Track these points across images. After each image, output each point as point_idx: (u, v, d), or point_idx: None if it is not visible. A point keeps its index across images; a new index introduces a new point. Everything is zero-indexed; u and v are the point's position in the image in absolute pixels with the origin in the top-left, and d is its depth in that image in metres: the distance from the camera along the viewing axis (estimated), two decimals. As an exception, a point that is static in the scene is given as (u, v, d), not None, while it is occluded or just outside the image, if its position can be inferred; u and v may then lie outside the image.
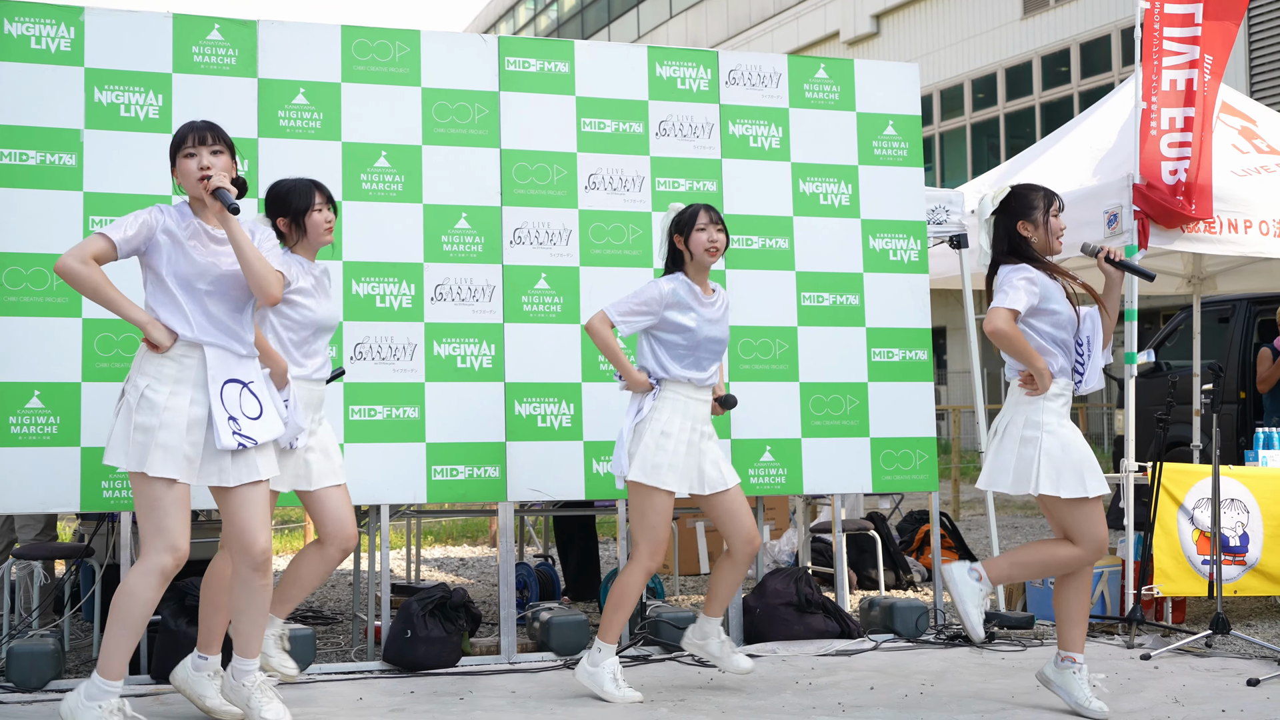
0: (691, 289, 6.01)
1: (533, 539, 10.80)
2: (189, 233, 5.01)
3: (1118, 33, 24.21)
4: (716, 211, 6.07)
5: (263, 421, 5.04)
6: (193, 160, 4.99)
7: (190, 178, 4.99)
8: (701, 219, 6.00)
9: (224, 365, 4.99)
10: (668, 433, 5.92)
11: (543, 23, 47.86)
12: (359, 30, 7.01)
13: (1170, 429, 8.40)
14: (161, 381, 4.93)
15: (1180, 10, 7.66)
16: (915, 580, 9.73)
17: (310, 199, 5.71)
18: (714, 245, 5.99)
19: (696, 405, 6.02)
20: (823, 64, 7.76)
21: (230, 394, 4.97)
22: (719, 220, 6.05)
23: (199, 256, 4.98)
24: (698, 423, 6.02)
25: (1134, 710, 5.67)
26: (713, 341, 6.03)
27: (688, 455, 5.96)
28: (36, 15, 6.51)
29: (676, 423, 5.94)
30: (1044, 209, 5.65)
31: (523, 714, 5.67)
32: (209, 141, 5.02)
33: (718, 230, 6.01)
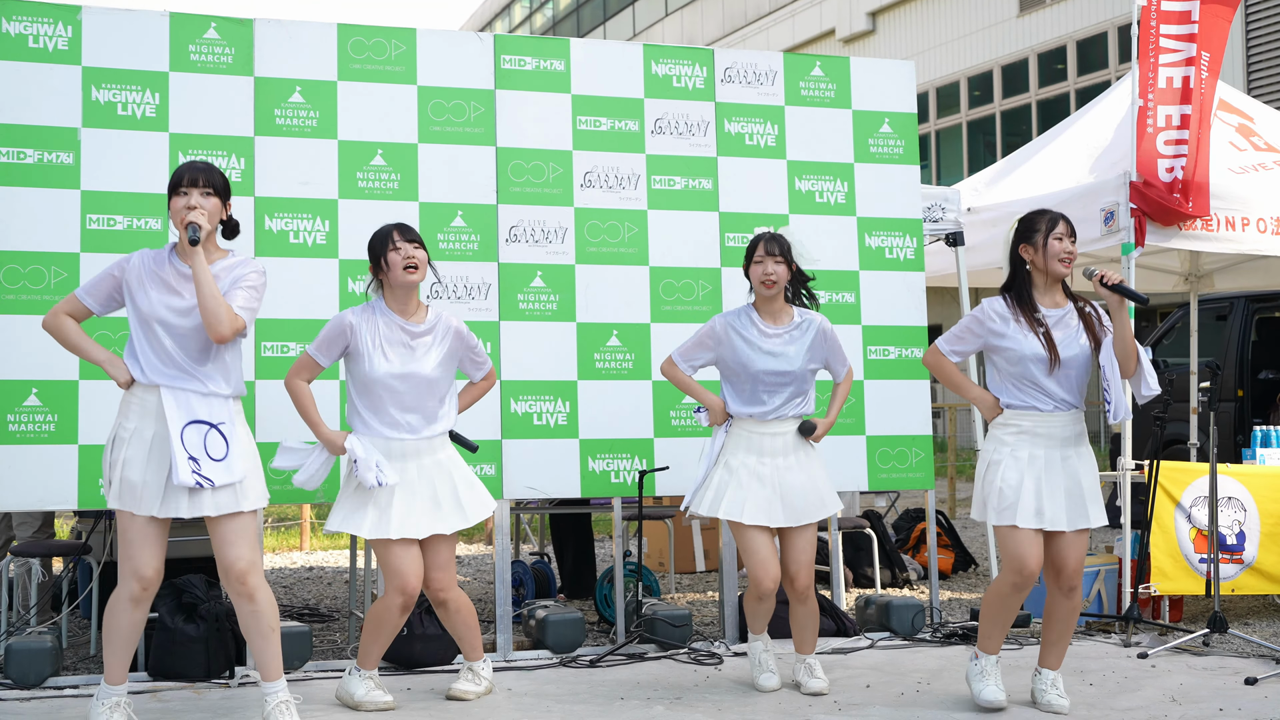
0: (750, 320, 6.05)
1: (528, 537, 10.80)
2: (157, 274, 5.10)
3: (1114, 30, 24.20)
4: (781, 241, 6.00)
5: (226, 464, 5.04)
6: (182, 200, 5.07)
7: (176, 215, 5.07)
8: (759, 251, 5.99)
9: (184, 406, 5.02)
10: (730, 466, 6.01)
11: (538, 21, 47.83)
12: (355, 29, 7.01)
13: (1167, 427, 8.41)
14: (129, 419, 5.08)
15: (1177, 8, 7.66)
16: (911, 578, 9.74)
17: (386, 241, 5.61)
18: (768, 278, 5.95)
19: (769, 440, 6.01)
20: (818, 61, 7.77)
21: (193, 435, 5.00)
22: (777, 251, 5.97)
23: (157, 298, 5.05)
24: (769, 455, 6.00)
25: (1131, 709, 5.67)
26: (771, 375, 5.99)
27: (759, 487, 5.96)
28: (34, 14, 6.51)
29: (739, 457, 6.00)
30: (1044, 231, 5.66)
31: (518, 710, 5.68)
32: (200, 184, 5.09)
33: (775, 262, 5.95)
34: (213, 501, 5.06)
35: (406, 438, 5.60)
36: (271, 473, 6.51)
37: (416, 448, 5.64)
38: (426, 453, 5.68)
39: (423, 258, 5.62)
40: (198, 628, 6.30)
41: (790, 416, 6.04)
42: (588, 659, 6.76)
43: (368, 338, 5.56)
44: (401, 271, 5.56)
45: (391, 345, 5.58)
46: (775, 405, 6.01)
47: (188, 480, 4.93)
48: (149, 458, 5.02)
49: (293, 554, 12.09)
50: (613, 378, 7.07)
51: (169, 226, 6.50)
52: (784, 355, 5.99)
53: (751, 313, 6.08)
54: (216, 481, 5.01)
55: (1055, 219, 5.68)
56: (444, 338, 5.70)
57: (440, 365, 5.67)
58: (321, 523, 13.16)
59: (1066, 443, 5.64)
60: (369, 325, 5.59)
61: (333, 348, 5.61)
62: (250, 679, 6.29)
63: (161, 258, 5.15)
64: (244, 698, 5.98)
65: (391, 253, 5.58)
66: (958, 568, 10.26)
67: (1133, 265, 7.55)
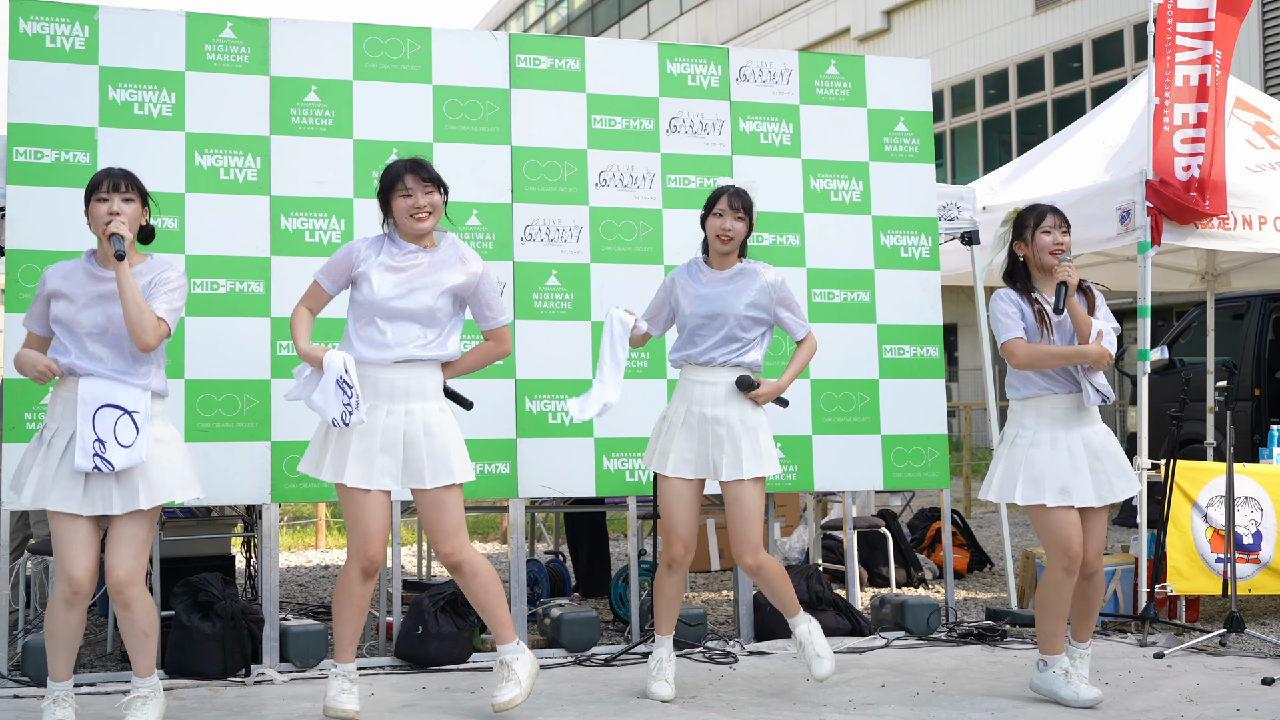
0: (696, 266, 6.01)
1: (543, 535, 10.82)
2: (77, 280, 5.12)
3: (1130, 28, 24.15)
4: (745, 197, 5.90)
5: (132, 450, 4.98)
6: (104, 205, 5.07)
7: (98, 222, 5.07)
8: (720, 204, 5.87)
9: (103, 390, 5.00)
10: (667, 417, 5.96)
11: (553, 20, 47.88)
12: (371, 28, 7.03)
13: (1184, 426, 8.39)
14: (53, 418, 5.11)
15: (1194, 5, 7.64)
16: (926, 578, 9.74)
17: (395, 184, 5.39)
18: (725, 233, 5.85)
19: (699, 388, 5.87)
20: (833, 60, 7.77)
21: (105, 418, 4.97)
22: (739, 207, 5.87)
23: (79, 304, 5.07)
24: (699, 405, 5.85)
25: (1147, 709, 5.67)
26: (700, 317, 5.86)
27: (689, 438, 5.85)
28: (51, 14, 6.54)
29: (675, 406, 5.93)
30: (1032, 227, 5.88)
31: (533, 709, 5.69)
32: (121, 189, 5.10)
33: (736, 218, 5.85)
34: (118, 496, 5.00)
35: (389, 359, 5.35)
36: (288, 471, 6.56)
37: (404, 384, 5.37)
38: (415, 395, 5.40)
39: (435, 202, 5.42)
40: (214, 626, 6.32)
41: (722, 364, 5.85)
42: (603, 658, 6.78)
43: (373, 261, 5.41)
44: (409, 219, 5.39)
45: (394, 271, 5.40)
46: (704, 348, 5.86)
47: (85, 465, 4.91)
48: (63, 456, 5.03)
49: (308, 552, 12.13)
50: (627, 376, 7.03)
51: (184, 225, 6.53)
52: (716, 298, 5.87)
53: (700, 263, 6.04)
54: (117, 465, 4.94)
55: (1042, 213, 5.90)
56: (453, 269, 5.49)
57: (442, 297, 5.44)
58: (337, 521, 13.19)
59: (1083, 422, 5.82)
60: (375, 251, 5.46)
61: (337, 271, 5.48)
62: (266, 677, 6.32)
63: (79, 264, 5.17)
64: (260, 695, 6.02)
65: (399, 199, 5.40)
66: (973, 567, 10.25)
67: (1149, 264, 7.54)
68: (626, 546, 9.21)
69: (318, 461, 5.41)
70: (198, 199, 6.61)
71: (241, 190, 6.71)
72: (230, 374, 6.55)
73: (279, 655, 6.52)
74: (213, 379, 6.53)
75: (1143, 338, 7.58)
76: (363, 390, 5.29)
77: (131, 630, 5.15)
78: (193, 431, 6.45)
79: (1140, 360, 7.59)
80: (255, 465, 6.58)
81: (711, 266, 5.99)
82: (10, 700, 5.86)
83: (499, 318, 5.63)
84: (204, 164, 6.67)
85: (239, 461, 6.55)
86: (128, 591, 5.06)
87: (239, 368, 6.58)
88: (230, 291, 6.62)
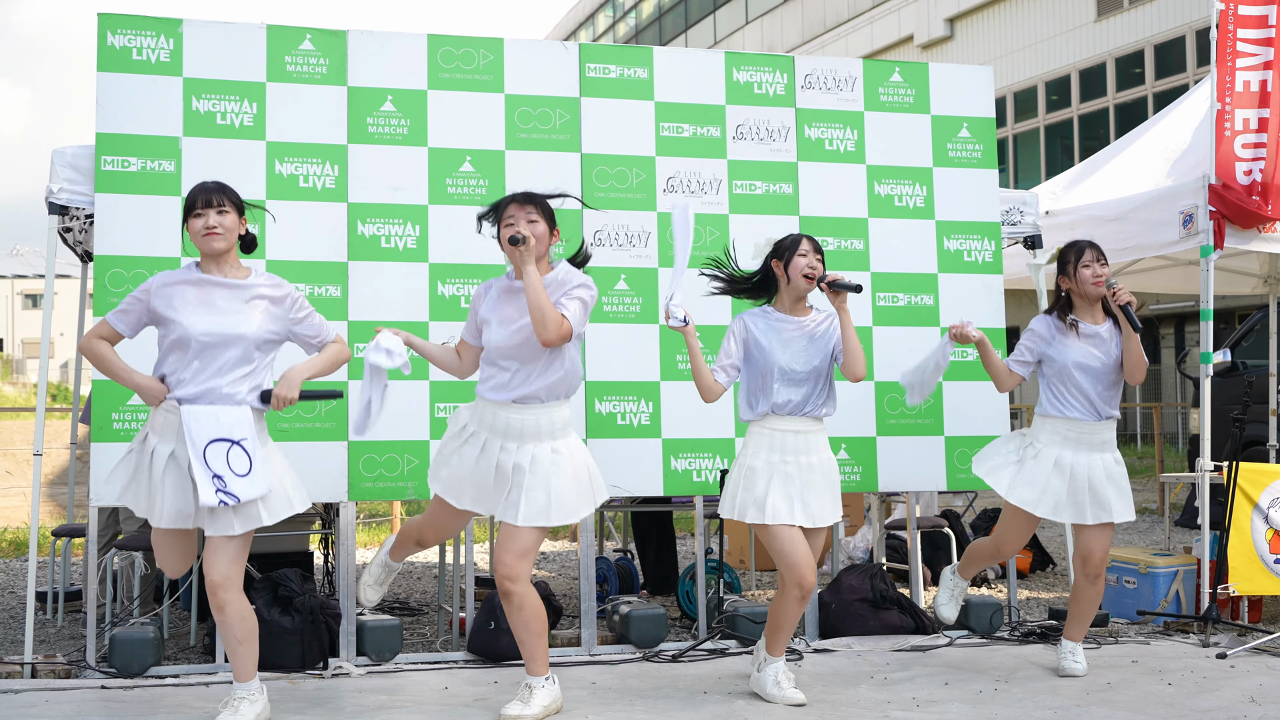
0: (766, 314, 6.01)
1: (612, 534, 10.91)
2: (184, 292, 5.17)
3: (1192, 34, 24.01)
4: (818, 241, 6.01)
5: (250, 479, 5.08)
6: (199, 221, 5.15)
7: (195, 236, 5.17)
8: (804, 246, 5.92)
9: (207, 424, 5.06)
10: (753, 468, 5.91)
11: (621, 29, 47.95)
12: (445, 39, 7.19)
13: (1246, 428, 8.40)
14: (154, 431, 5.18)
15: (1255, 11, 7.67)
16: (989, 577, 9.77)
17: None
18: (812, 271, 5.87)
19: (784, 436, 5.89)
20: (897, 68, 7.85)
21: (216, 452, 5.05)
22: (820, 249, 5.97)
23: (186, 315, 5.12)
24: (789, 454, 5.90)
25: (1210, 709, 5.68)
26: (786, 371, 5.89)
27: (784, 486, 5.86)
28: (138, 27, 6.73)
29: (763, 456, 5.90)
30: (1074, 262, 6.36)
31: (602, 704, 5.78)
32: (214, 204, 5.17)
33: (818, 258, 5.92)
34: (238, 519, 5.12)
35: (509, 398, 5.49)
36: (364, 470, 6.72)
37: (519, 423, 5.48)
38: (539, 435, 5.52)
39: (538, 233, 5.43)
40: (293, 620, 6.47)
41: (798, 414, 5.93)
42: (670, 654, 6.86)
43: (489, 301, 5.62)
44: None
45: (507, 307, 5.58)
46: (790, 401, 5.90)
47: (211, 501, 4.99)
48: (165, 470, 5.11)
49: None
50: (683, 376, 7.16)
51: (264, 232, 6.69)
52: (798, 348, 5.90)
53: (766, 309, 6.06)
54: (242, 497, 5.04)
55: (1081, 249, 6.37)
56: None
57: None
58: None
59: (1094, 447, 6.36)
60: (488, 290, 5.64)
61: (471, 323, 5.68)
62: (343, 670, 6.46)
63: (185, 275, 5.23)
64: (337, 688, 6.14)
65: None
66: (1035, 567, 10.27)
67: (1211, 268, 7.57)
68: (693, 545, 9.31)
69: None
70: (277, 206, 6.76)
71: (320, 197, 6.87)
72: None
73: (355, 649, 6.66)
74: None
75: (1205, 341, 7.60)
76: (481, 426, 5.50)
77: (226, 635, 5.23)
78: (273, 431, 6.56)
79: (1203, 363, 7.62)
80: (333, 464, 6.73)
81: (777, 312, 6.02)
82: (98, 691, 6.01)
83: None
84: (284, 172, 6.84)
85: (317, 461, 6.69)
86: (221, 595, 5.14)
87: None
88: (309, 295, 6.74)
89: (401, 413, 6.78)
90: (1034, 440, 6.40)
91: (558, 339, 5.30)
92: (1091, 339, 6.35)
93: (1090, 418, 6.33)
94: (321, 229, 6.86)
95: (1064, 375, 6.33)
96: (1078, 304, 6.41)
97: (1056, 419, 6.36)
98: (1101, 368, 6.32)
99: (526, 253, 5.31)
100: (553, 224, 5.54)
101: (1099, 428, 6.35)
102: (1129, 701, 5.82)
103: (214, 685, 6.13)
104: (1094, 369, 6.31)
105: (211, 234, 5.13)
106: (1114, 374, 6.36)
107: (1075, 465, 6.30)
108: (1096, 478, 6.29)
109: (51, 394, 30.79)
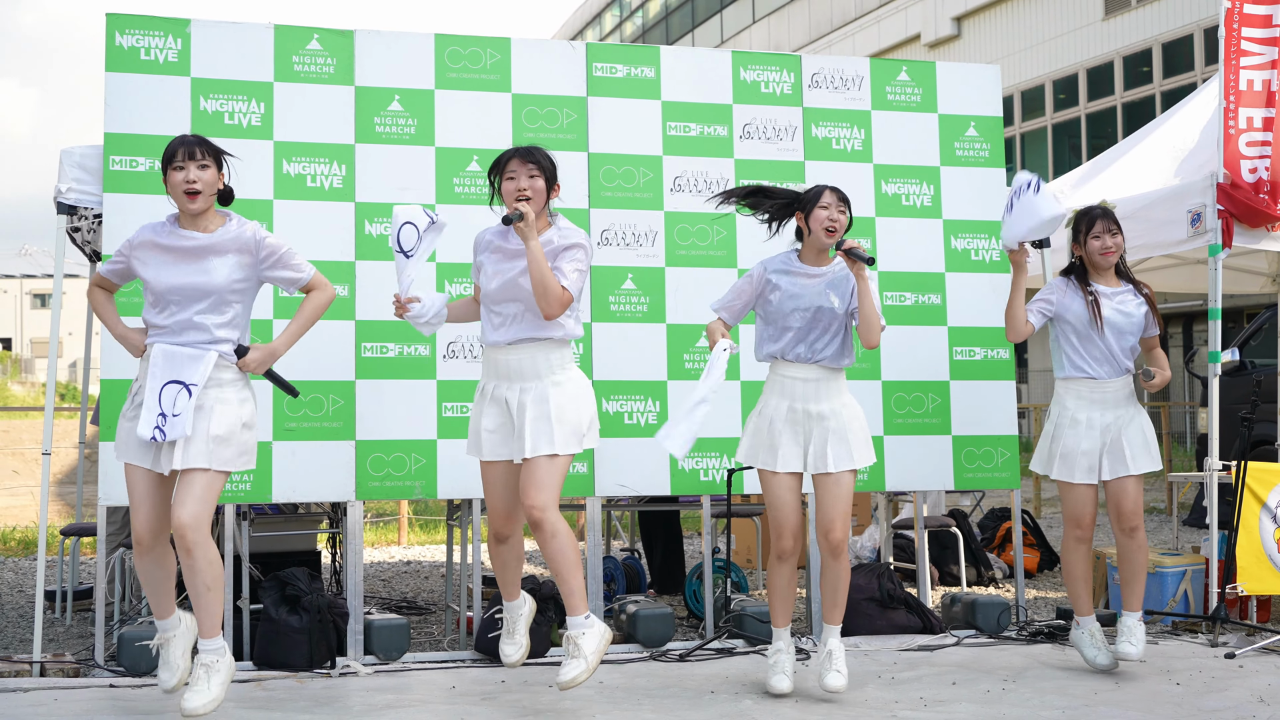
0: (789, 261, 6.01)
1: (619, 533, 10.93)
2: (162, 243, 5.28)
3: (1200, 32, 23.98)
4: (843, 193, 5.98)
5: (180, 419, 5.12)
6: (180, 174, 5.22)
7: (176, 189, 5.24)
8: (825, 198, 5.91)
9: (169, 364, 5.18)
10: (763, 413, 5.97)
11: (628, 29, 47.96)
12: (452, 38, 7.20)
13: (1255, 428, 8.38)
14: (139, 378, 5.30)
15: (1260, 10, 7.68)
16: (997, 577, 9.77)
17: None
18: (833, 224, 5.87)
19: (793, 383, 5.91)
20: (904, 66, 7.85)
21: (169, 393, 5.13)
22: (844, 201, 5.95)
23: (155, 272, 5.24)
24: (798, 400, 5.90)
25: (1218, 709, 5.67)
26: (798, 313, 5.89)
27: (787, 432, 5.88)
28: (145, 27, 6.75)
29: (773, 403, 5.95)
30: (1084, 232, 6.51)
31: (610, 704, 5.78)
32: (197, 156, 5.25)
33: (840, 211, 5.91)
34: (181, 455, 5.13)
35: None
36: (372, 470, 6.73)
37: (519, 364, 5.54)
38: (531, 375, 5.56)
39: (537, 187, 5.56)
40: (301, 619, 6.48)
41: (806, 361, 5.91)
42: (677, 653, 6.87)
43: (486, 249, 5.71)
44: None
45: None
46: (796, 344, 5.91)
47: (145, 434, 5.09)
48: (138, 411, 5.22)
49: (391, 548, 12.31)
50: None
51: (273, 230, 6.67)
52: (809, 294, 5.91)
53: (789, 255, 6.06)
54: (169, 436, 5.09)
55: (1092, 219, 6.50)
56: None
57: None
58: (419, 518, 13.42)
59: (1118, 404, 6.45)
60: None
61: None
62: (351, 669, 6.47)
63: (164, 228, 5.33)
64: (345, 687, 6.15)
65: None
66: (1043, 566, 10.27)
67: (1219, 267, 7.56)
68: (700, 544, 9.32)
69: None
70: (285, 205, 6.80)
71: (327, 197, 6.89)
72: (316, 375, 6.71)
73: (363, 648, 6.68)
74: (299, 380, 6.67)
75: (1214, 340, 7.59)
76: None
77: (194, 581, 5.15)
78: (280, 431, 6.64)
79: (1211, 362, 7.61)
80: (340, 464, 6.75)
81: (797, 260, 6.03)
82: (106, 690, 6.03)
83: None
84: (291, 171, 6.86)
85: (325, 460, 6.72)
86: (190, 535, 5.08)
87: (325, 369, 6.74)
88: (317, 295, 6.77)
89: (409, 412, 6.81)
90: (1061, 410, 6.49)
91: (559, 310, 5.38)
92: (1110, 296, 6.46)
93: (1114, 374, 6.43)
94: (329, 228, 6.87)
95: (1086, 334, 6.41)
96: (1090, 272, 6.52)
97: (1081, 380, 6.44)
98: (1127, 323, 6.42)
99: (527, 229, 5.36)
100: (553, 179, 5.60)
101: (1120, 385, 6.45)
102: (1137, 701, 5.81)
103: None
104: (1119, 324, 6.41)
105: (192, 192, 5.21)
106: (1129, 333, 6.45)
107: (1103, 425, 6.41)
108: (1122, 431, 6.40)
109: (60, 393, 30.86)
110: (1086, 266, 6.52)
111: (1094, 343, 6.40)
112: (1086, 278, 6.50)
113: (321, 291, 5.50)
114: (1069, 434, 6.43)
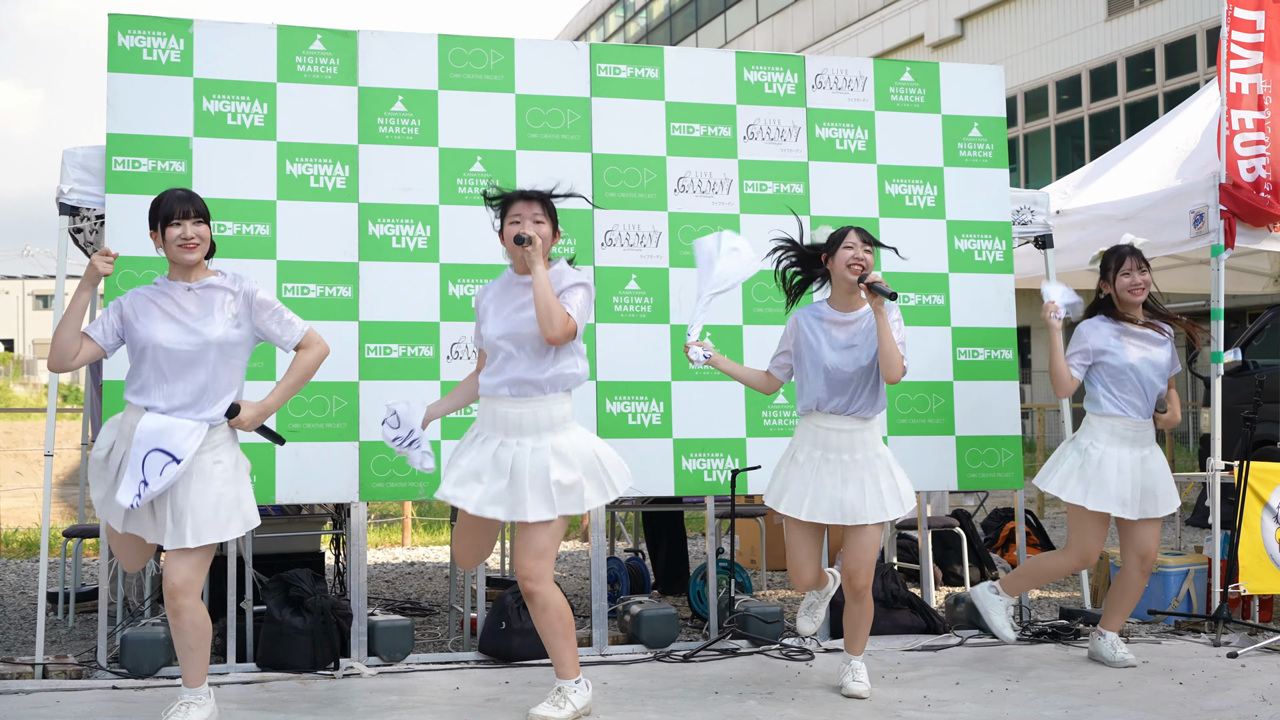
0: (819, 310, 6.00)
1: (623, 534, 10.92)
2: (154, 304, 5.21)
3: (1203, 33, 23.96)
4: (868, 234, 5.94)
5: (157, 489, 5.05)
6: (177, 230, 5.16)
7: (171, 245, 5.18)
8: (850, 238, 5.89)
9: (157, 434, 5.06)
10: (795, 459, 5.98)
11: (632, 30, 47.93)
12: (455, 39, 7.19)
13: (1257, 428, 8.39)
14: (121, 437, 5.18)
15: (1248, 16, 7.80)
16: (1000, 577, 9.75)
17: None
18: (858, 262, 5.83)
19: (827, 434, 5.90)
20: (908, 67, 7.85)
21: (154, 462, 5.03)
22: (869, 241, 5.91)
23: (150, 325, 5.15)
24: (832, 451, 5.89)
25: (1221, 708, 5.67)
26: (835, 371, 5.87)
27: (816, 480, 5.89)
28: (148, 28, 6.74)
29: (805, 450, 5.95)
30: (1114, 269, 6.62)
31: (614, 704, 5.78)
32: (191, 216, 5.19)
33: (866, 250, 5.87)
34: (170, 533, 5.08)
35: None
36: (376, 471, 6.73)
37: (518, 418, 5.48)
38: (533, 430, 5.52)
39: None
40: (304, 620, 6.48)
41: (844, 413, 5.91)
42: (681, 654, 6.87)
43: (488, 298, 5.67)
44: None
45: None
46: (833, 399, 5.90)
47: (125, 501, 5.00)
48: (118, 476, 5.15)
49: (395, 549, 12.31)
50: (706, 379, 7.16)
51: (275, 232, 6.70)
52: (848, 349, 5.90)
53: (818, 308, 6.04)
54: (145, 500, 5.01)
55: (1121, 257, 6.61)
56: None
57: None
58: (423, 519, 13.44)
59: (1145, 442, 6.61)
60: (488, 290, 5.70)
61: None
62: (354, 670, 6.47)
63: (157, 288, 5.26)
64: (348, 688, 6.15)
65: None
66: (1046, 569, 10.25)
67: (1222, 267, 7.57)
68: (704, 545, 9.31)
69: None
70: (288, 206, 6.79)
71: (330, 198, 6.88)
72: (320, 376, 6.60)
73: (367, 649, 6.67)
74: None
75: (1216, 340, 7.60)
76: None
77: (180, 641, 5.18)
78: (284, 431, 6.62)
79: (1214, 362, 7.62)
80: (344, 465, 6.74)
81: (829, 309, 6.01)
82: (109, 691, 6.04)
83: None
84: (294, 172, 6.85)
85: (328, 461, 6.71)
86: (180, 600, 5.09)
87: (328, 370, 6.66)
88: (320, 296, 6.78)
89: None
90: (1092, 442, 6.57)
91: (563, 336, 5.30)
92: (1140, 339, 6.59)
93: (1145, 416, 6.59)
94: (332, 229, 6.86)
95: (1121, 376, 6.54)
96: (1118, 308, 6.63)
97: (1116, 418, 6.56)
98: (1154, 370, 6.56)
99: (534, 252, 5.32)
100: (556, 224, 5.56)
101: (1148, 425, 6.62)
102: (1140, 701, 5.81)
103: (225, 685, 6.13)
104: (1147, 369, 6.55)
105: (188, 246, 5.17)
106: (1155, 375, 6.59)
107: (1132, 462, 6.53)
108: (1150, 472, 6.56)
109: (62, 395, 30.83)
110: (1115, 304, 6.63)
111: (1127, 384, 6.54)
112: (1115, 316, 6.62)
113: (314, 349, 5.41)
114: (1103, 469, 6.50)
